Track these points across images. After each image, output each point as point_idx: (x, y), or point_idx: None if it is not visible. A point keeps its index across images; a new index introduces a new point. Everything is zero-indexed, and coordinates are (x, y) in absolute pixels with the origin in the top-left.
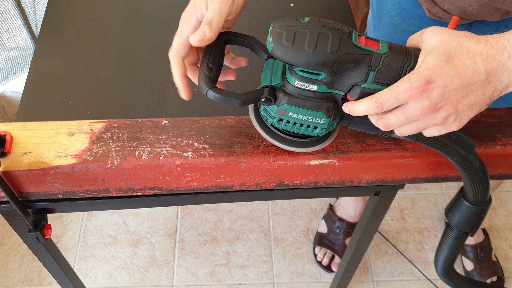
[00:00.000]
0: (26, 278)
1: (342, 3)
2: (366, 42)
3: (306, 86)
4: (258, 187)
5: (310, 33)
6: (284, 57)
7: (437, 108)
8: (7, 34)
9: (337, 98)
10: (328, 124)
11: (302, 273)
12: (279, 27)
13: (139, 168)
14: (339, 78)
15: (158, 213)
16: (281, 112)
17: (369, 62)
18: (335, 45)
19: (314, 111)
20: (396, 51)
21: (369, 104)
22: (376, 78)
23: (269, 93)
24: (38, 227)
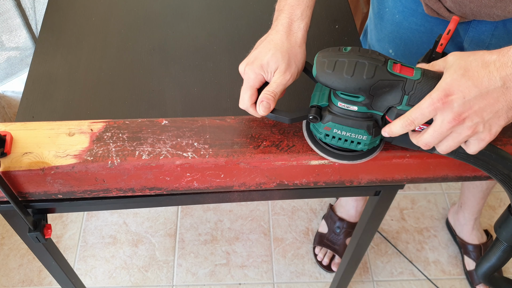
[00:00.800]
0: (26, 278)
1: (342, 3)
2: (400, 69)
3: (348, 107)
4: (258, 187)
5: (349, 62)
6: (325, 82)
7: (462, 118)
8: (7, 34)
9: (377, 117)
10: (370, 140)
11: (302, 273)
12: (322, 56)
13: (139, 168)
14: (377, 101)
15: (158, 213)
16: (327, 129)
17: (403, 87)
18: (370, 72)
19: (355, 128)
20: (428, 77)
21: (401, 123)
22: (410, 101)
23: (315, 112)
24: (38, 227)
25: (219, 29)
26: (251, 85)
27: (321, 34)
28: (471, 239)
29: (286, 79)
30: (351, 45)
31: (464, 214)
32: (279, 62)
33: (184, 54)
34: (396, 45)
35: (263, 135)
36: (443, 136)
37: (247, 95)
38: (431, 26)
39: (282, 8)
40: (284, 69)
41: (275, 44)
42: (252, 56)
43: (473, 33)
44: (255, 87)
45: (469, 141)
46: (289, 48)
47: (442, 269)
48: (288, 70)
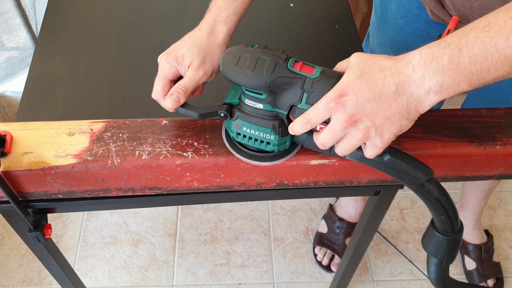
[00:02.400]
0: (26, 278)
1: (342, 3)
2: (301, 67)
3: (254, 104)
4: (258, 187)
5: (251, 58)
6: (229, 77)
7: (354, 120)
8: (7, 34)
9: (282, 117)
10: (279, 141)
11: (302, 273)
12: (228, 52)
13: (139, 168)
14: (279, 99)
15: (158, 213)
16: (237, 127)
17: (302, 85)
18: (270, 69)
19: (262, 127)
20: (327, 76)
21: (300, 122)
22: (309, 100)
23: (226, 109)
24: (38, 227)
25: None
26: (164, 75)
27: (321, 34)
28: (472, 239)
29: (199, 75)
30: (352, 45)
31: (465, 214)
32: (194, 57)
33: None
34: (398, 50)
35: None
36: (337, 137)
37: (159, 84)
38: (434, 32)
39: (211, 8)
40: (198, 65)
41: (194, 40)
42: (170, 47)
43: None
44: (167, 78)
45: (365, 145)
46: (207, 47)
47: None
48: (202, 67)
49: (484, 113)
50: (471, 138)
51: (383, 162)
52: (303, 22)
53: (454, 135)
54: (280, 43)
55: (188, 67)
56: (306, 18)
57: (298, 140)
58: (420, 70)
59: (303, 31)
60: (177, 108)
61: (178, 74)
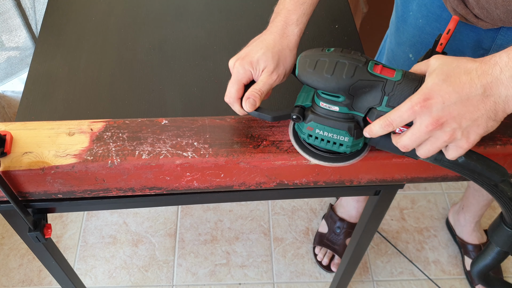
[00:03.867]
0: (26, 278)
1: (342, 3)
2: (381, 70)
3: (330, 107)
4: (258, 187)
5: (330, 61)
6: (306, 81)
7: (440, 123)
8: (7, 34)
9: (358, 119)
10: (352, 142)
11: (302, 273)
12: (305, 56)
13: (139, 168)
14: (357, 101)
15: (158, 213)
16: (309, 129)
17: (383, 88)
18: (350, 72)
19: (337, 129)
20: (409, 79)
21: (380, 124)
22: (390, 102)
23: (299, 112)
24: (38, 226)
25: (219, 28)
26: (239, 79)
27: (321, 34)
28: (471, 239)
29: (273, 79)
30: (351, 45)
31: (465, 216)
32: (268, 61)
33: (184, 54)
34: (417, 50)
35: (263, 134)
36: (420, 139)
37: (234, 88)
38: (454, 33)
39: (279, 11)
40: (272, 69)
41: (267, 44)
42: (243, 52)
43: (501, 40)
44: (242, 82)
45: (448, 146)
46: (280, 50)
47: (442, 269)
48: (275, 71)
49: None
50: None
51: (458, 163)
52: None
53: None
54: None
55: (262, 71)
56: None
57: (371, 141)
58: (509, 71)
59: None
60: (253, 112)
61: (251, 78)
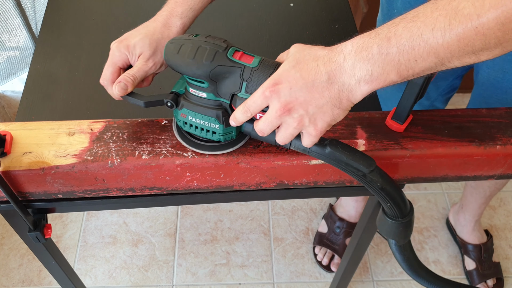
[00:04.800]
0: (26, 278)
1: (342, 3)
2: (241, 56)
3: (198, 93)
4: (258, 187)
5: (192, 46)
6: (171, 65)
7: (288, 108)
8: (7, 34)
9: (225, 106)
10: (223, 130)
11: (302, 273)
12: (171, 41)
13: (139, 168)
14: (221, 87)
15: (158, 213)
16: (183, 116)
17: (241, 74)
18: (210, 57)
19: (206, 116)
20: (265, 66)
21: (240, 110)
22: (248, 89)
23: (172, 98)
24: (38, 227)
25: (219, 28)
26: (113, 62)
27: (321, 34)
28: (471, 239)
29: (149, 66)
30: None
31: (465, 215)
32: (145, 48)
33: None
34: None
35: None
36: (273, 124)
37: (108, 71)
38: None
39: (169, 1)
40: (148, 56)
41: (147, 30)
42: (123, 36)
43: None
44: (117, 65)
45: (302, 134)
46: (160, 39)
47: (442, 269)
48: (152, 58)
49: (484, 113)
50: (471, 138)
51: (325, 154)
52: (303, 22)
53: (454, 135)
54: (280, 43)
55: (138, 57)
56: (306, 18)
57: (244, 130)
58: (351, 60)
59: (303, 31)
60: (124, 96)
61: (128, 62)
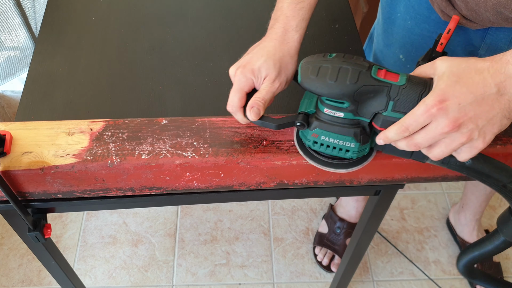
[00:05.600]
0: (25, 278)
1: (342, 3)
2: (385, 75)
3: (334, 113)
4: (258, 187)
5: (332, 68)
6: (310, 88)
7: (457, 124)
8: (6, 34)
9: (364, 124)
10: (359, 148)
11: (302, 273)
12: (306, 63)
13: (139, 168)
14: (362, 107)
15: (158, 213)
16: (314, 136)
17: (387, 93)
18: (354, 78)
19: (343, 135)
20: (413, 83)
21: (396, 130)
22: (396, 107)
23: (302, 119)
24: (38, 226)
25: (219, 28)
26: (241, 87)
27: (321, 34)
28: (472, 239)
29: (275, 87)
30: (352, 45)
31: (466, 214)
32: (270, 69)
33: (183, 54)
34: (407, 51)
35: (263, 134)
36: (434, 139)
37: (236, 97)
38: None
39: (278, 17)
40: (274, 77)
41: (268, 51)
42: (244, 60)
43: (490, 40)
44: (244, 91)
45: (460, 148)
46: (281, 57)
47: (442, 269)
48: (277, 79)
49: None
50: None
51: (465, 166)
52: None
53: None
54: None
55: (263, 80)
56: None
57: (376, 146)
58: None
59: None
60: (257, 121)
61: (253, 86)
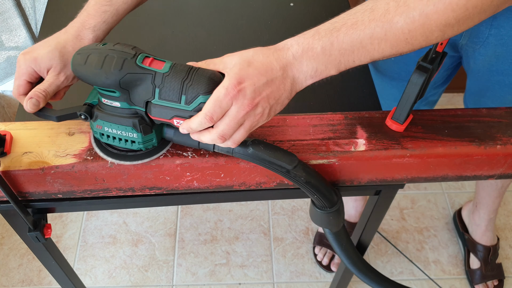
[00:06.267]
0: (26, 278)
1: (342, 3)
2: (151, 62)
3: (111, 103)
4: (258, 187)
5: (99, 55)
6: (80, 76)
7: (254, 103)
8: (7, 34)
9: (141, 114)
10: (143, 138)
11: (302, 273)
12: (78, 51)
13: (139, 168)
14: (133, 96)
15: (158, 212)
16: (99, 127)
17: (152, 80)
18: (118, 65)
19: (123, 125)
20: (177, 71)
21: (200, 120)
22: (162, 95)
23: (85, 110)
24: (38, 226)
25: (219, 28)
26: (19, 74)
27: None
28: (483, 240)
29: (60, 80)
30: None
31: (480, 213)
32: (55, 61)
33: (184, 53)
34: None
35: (262, 134)
36: (238, 124)
37: (15, 84)
38: None
39: (81, 13)
40: (59, 69)
41: (58, 42)
42: (32, 47)
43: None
44: (23, 78)
45: None
46: (71, 52)
47: (442, 269)
48: (63, 72)
49: (485, 112)
50: (472, 137)
51: (248, 154)
52: (303, 22)
53: (455, 134)
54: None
55: (47, 70)
56: (306, 18)
57: (166, 136)
58: (299, 57)
59: (303, 30)
60: (38, 113)
61: (36, 75)
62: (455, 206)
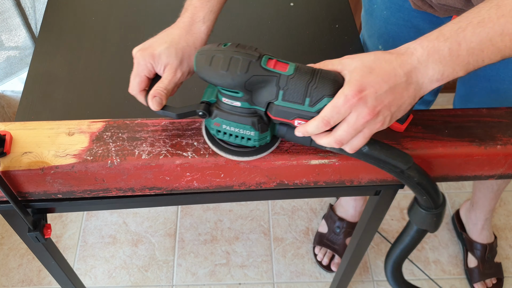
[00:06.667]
0: (25, 278)
1: (342, 3)
2: (275, 64)
3: (232, 102)
4: (258, 187)
5: (224, 57)
6: (204, 77)
7: (375, 112)
8: (6, 34)
9: (261, 113)
10: (259, 136)
11: (302, 273)
12: (201, 52)
13: (139, 168)
14: (256, 96)
15: (158, 212)
16: (216, 125)
17: (277, 83)
18: (244, 68)
19: (242, 124)
20: (301, 73)
21: (317, 124)
22: (285, 97)
23: (204, 108)
24: (38, 226)
25: (219, 28)
26: (138, 71)
27: (321, 34)
28: (480, 238)
29: (177, 77)
30: (352, 44)
31: (476, 213)
32: (172, 58)
33: None
34: (385, 41)
35: None
36: (357, 131)
37: (135, 81)
38: (417, 22)
39: (187, 7)
40: (176, 66)
41: (172, 39)
42: (147, 43)
43: None
44: (143, 74)
45: None
46: (185, 47)
47: (442, 269)
48: (179, 68)
49: (485, 112)
50: (472, 137)
51: (363, 153)
52: (303, 22)
53: (455, 134)
54: (280, 43)
55: (164, 67)
56: (306, 18)
57: (278, 134)
58: (424, 61)
59: (303, 30)
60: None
61: (153, 71)
62: (455, 206)
